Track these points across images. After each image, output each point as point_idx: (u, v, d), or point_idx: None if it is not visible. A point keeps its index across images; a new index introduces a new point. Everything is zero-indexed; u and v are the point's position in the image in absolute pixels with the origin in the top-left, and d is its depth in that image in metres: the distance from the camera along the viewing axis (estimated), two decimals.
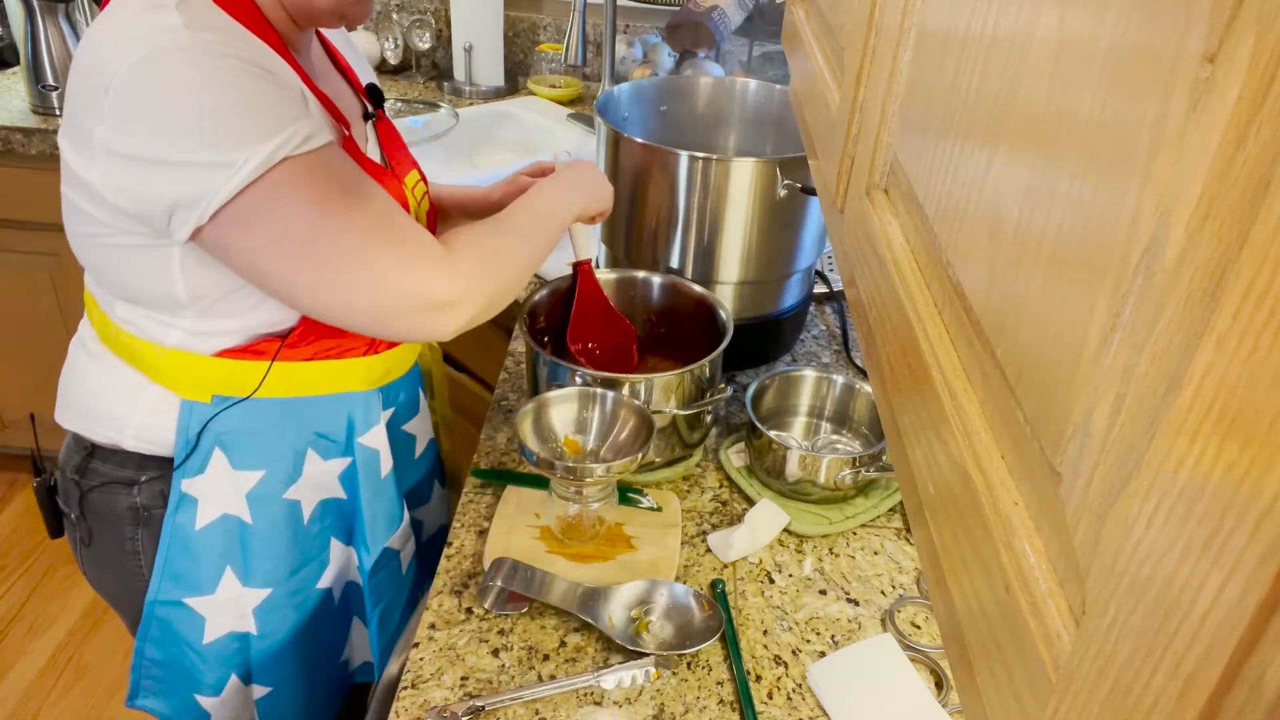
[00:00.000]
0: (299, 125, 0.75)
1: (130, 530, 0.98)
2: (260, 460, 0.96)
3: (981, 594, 0.32)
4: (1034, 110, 0.31)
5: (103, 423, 0.95)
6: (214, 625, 1.01)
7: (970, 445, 0.34)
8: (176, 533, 0.95)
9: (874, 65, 0.56)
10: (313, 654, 1.10)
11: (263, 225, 0.76)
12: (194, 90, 0.73)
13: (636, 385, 1.05)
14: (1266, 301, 0.18)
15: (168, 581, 0.97)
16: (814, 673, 0.89)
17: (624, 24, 2.22)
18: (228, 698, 1.06)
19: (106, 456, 0.97)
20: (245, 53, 0.77)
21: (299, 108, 0.78)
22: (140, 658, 1.02)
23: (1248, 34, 0.19)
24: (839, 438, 1.21)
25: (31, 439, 2.32)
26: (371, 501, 1.04)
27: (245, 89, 0.75)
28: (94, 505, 0.99)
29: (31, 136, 1.87)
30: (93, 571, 1.06)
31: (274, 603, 1.02)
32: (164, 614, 0.99)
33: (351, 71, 1.05)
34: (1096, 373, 0.26)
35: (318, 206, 0.76)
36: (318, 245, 0.76)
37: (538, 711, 0.84)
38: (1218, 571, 0.19)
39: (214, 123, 0.73)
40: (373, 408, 1.02)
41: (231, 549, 0.98)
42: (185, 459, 0.93)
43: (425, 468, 1.21)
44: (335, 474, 1.02)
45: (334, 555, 1.06)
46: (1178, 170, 0.22)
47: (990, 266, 0.35)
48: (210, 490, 0.95)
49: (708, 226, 1.21)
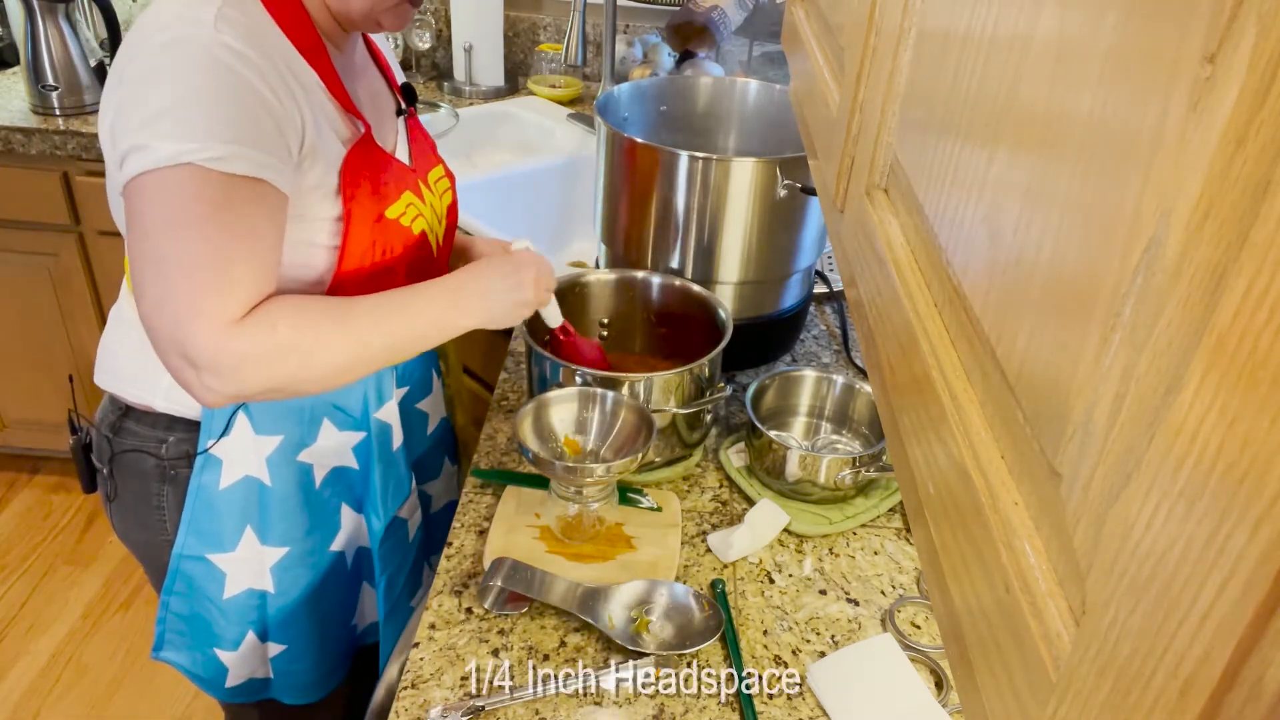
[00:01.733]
0: (230, 147, 0.79)
1: (156, 486, 1.04)
2: (279, 426, 1.00)
3: (981, 594, 0.32)
4: (1034, 110, 0.31)
5: (137, 383, 1.01)
6: (234, 581, 1.05)
7: (970, 445, 0.34)
8: (201, 492, 1.00)
9: (874, 65, 0.56)
10: (325, 613, 1.14)
11: (142, 210, 0.80)
12: (177, 80, 0.80)
13: (636, 385, 1.05)
14: (1266, 301, 0.18)
15: (192, 537, 1.02)
16: (814, 673, 0.89)
17: (624, 24, 2.22)
18: (245, 653, 1.11)
19: (139, 417, 1.02)
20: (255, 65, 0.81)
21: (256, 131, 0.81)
22: (166, 610, 1.07)
23: (1248, 34, 0.19)
24: (839, 438, 1.21)
25: (28, 440, 2.33)
26: (384, 472, 1.08)
27: (217, 96, 0.80)
28: (124, 462, 1.04)
29: (31, 136, 1.87)
30: (120, 524, 1.11)
31: (289, 562, 1.06)
32: (188, 568, 1.04)
33: (390, 70, 1.10)
34: (1096, 373, 0.26)
35: (180, 215, 0.79)
36: (155, 245, 0.80)
37: (538, 711, 0.84)
38: (1218, 571, 0.19)
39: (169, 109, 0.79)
40: (387, 384, 1.06)
41: (251, 509, 1.02)
42: (210, 423, 0.97)
43: (435, 443, 1.25)
44: (350, 445, 1.06)
45: (345, 521, 1.11)
46: (1178, 170, 0.22)
47: (990, 266, 0.35)
48: (234, 453, 0.99)
49: (708, 226, 1.21)
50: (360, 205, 0.92)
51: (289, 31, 0.87)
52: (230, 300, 0.80)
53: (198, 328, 0.79)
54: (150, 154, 0.78)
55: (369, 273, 0.95)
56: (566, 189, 1.86)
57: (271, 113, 0.82)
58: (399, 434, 1.09)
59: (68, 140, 1.87)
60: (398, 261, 0.98)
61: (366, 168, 0.93)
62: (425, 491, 1.25)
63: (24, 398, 2.22)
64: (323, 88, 0.90)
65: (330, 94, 0.91)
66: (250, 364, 0.81)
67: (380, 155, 0.96)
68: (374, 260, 0.95)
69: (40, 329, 2.12)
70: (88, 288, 2.07)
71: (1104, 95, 0.26)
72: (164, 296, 0.80)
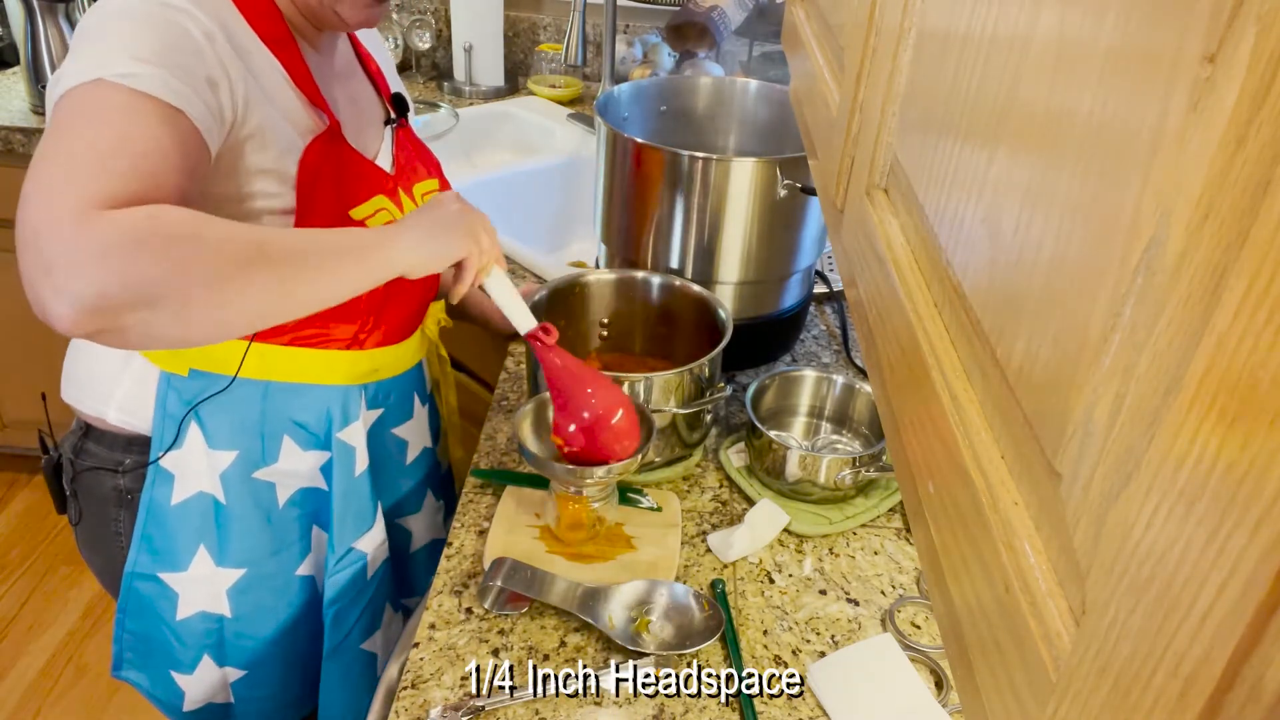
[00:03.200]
0: (144, 67, 0.72)
1: (114, 511, 1.01)
2: (234, 440, 0.97)
3: (981, 594, 0.32)
4: (1034, 110, 0.31)
5: (93, 395, 0.97)
6: (186, 602, 1.02)
7: (970, 445, 0.34)
8: (153, 507, 0.97)
9: (874, 65, 0.56)
10: (290, 641, 1.10)
11: (45, 132, 0.72)
12: (108, 25, 0.76)
13: (636, 385, 1.05)
14: (1266, 301, 0.18)
15: (144, 555, 0.99)
16: (814, 673, 0.89)
17: (624, 24, 2.22)
18: (202, 677, 1.07)
19: (98, 437, 0.99)
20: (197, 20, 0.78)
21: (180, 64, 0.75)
22: (121, 629, 1.04)
23: (1248, 34, 0.19)
24: (839, 438, 1.21)
25: (28, 440, 2.32)
26: (342, 497, 1.04)
27: (142, 26, 0.76)
28: (85, 485, 1.02)
29: (31, 136, 1.87)
30: (84, 548, 1.09)
31: (248, 584, 1.03)
32: (141, 587, 1.01)
33: (381, 78, 1.08)
34: (1096, 372, 0.26)
35: (74, 120, 0.71)
36: (40, 151, 0.70)
37: (538, 712, 0.84)
38: (1218, 572, 0.19)
39: (92, 43, 0.75)
40: (353, 404, 1.02)
41: (206, 527, 0.99)
42: (161, 432, 0.94)
43: (417, 476, 1.19)
44: (316, 465, 1.03)
45: (314, 544, 1.07)
46: (1178, 170, 0.22)
47: (990, 266, 0.35)
48: (187, 467, 0.96)
49: (708, 226, 1.21)
50: (318, 199, 0.89)
51: (251, 19, 0.86)
52: (99, 185, 0.67)
53: (58, 208, 0.65)
54: (65, 80, 0.72)
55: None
56: (566, 189, 1.86)
57: (203, 59, 0.78)
58: (363, 458, 1.04)
59: None
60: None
61: (328, 163, 0.91)
62: (404, 526, 1.20)
63: (24, 398, 2.22)
64: (285, 77, 0.88)
65: (294, 84, 0.89)
66: (117, 252, 0.64)
67: (348, 153, 0.93)
68: None
69: (40, 329, 2.10)
70: None
71: (1104, 95, 0.26)
72: (31, 191, 0.67)
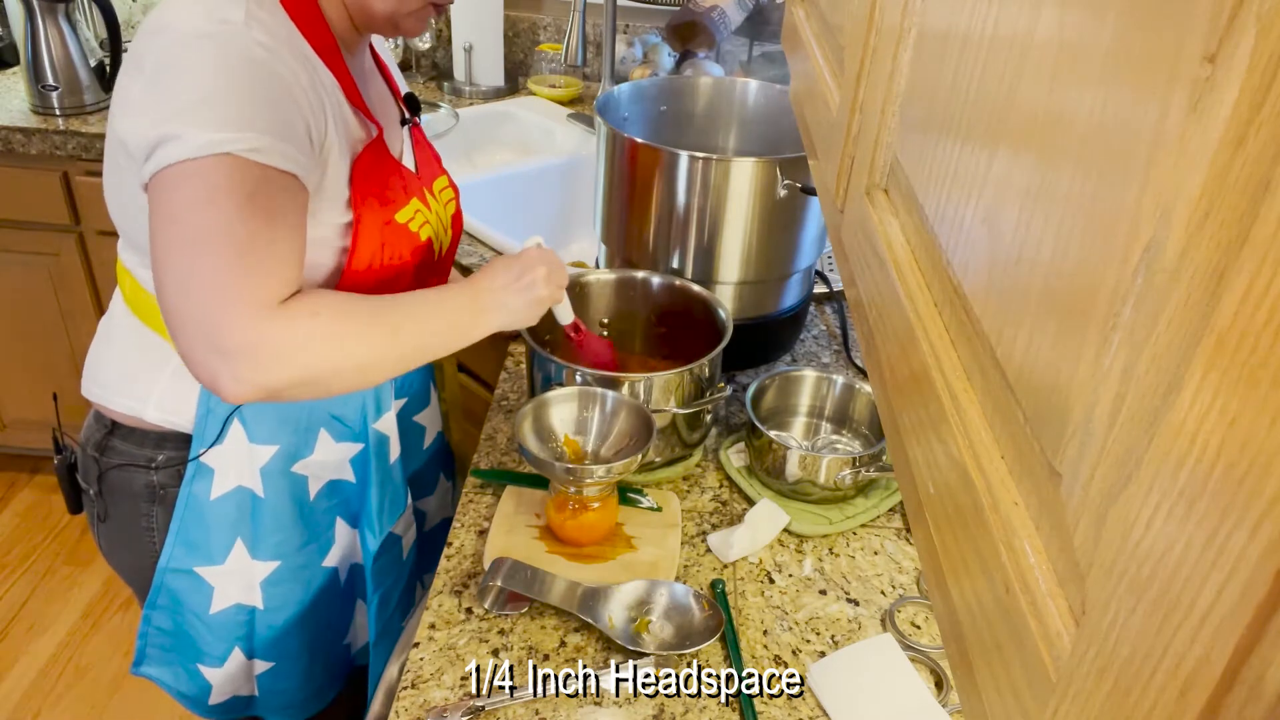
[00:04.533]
0: (264, 138, 0.77)
1: (146, 507, 1.01)
2: (275, 435, 0.98)
3: (981, 594, 0.32)
4: (1034, 110, 0.31)
5: (127, 394, 0.98)
6: (221, 595, 1.03)
7: (970, 445, 0.34)
8: (192, 501, 0.98)
9: (874, 65, 0.56)
10: (316, 632, 1.12)
11: (173, 198, 0.76)
12: (207, 73, 0.78)
13: (636, 385, 1.05)
14: (1266, 301, 0.18)
15: (180, 549, 1.00)
16: (814, 673, 0.89)
17: (624, 24, 2.22)
18: (230, 670, 1.08)
19: (126, 434, 0.99)
20: (284, 63, 0.81)
21: (288, 126, 0.80)
22: (148, 625, 1.05)
23: (1248, 34, 0.19)
24: (839, 438, 1.21)
25: (28, 440, 2.32)
26: (380, 486, 1.07)
27: (253, 89, 0.78)
28: (112, 483, 1.02)
29: (31, 136, 1.87)
30: (108, 546, 1.09)
31: (280, 577, 1.04)
32: (174, 582, 1.02)
33: (393, 79, 1.10)
34: (1096, 373, 0.26)
35: (216, 200, 0.75)
36: (186, 229, 0.76)
37: (538, 712, 0.84)
38: (1218, 571, 0.19)
39: (206, 100, 0.77)
40: (386, 395, 1.05)
41: (242, 521, 1.00)
42: (204, 429, 0.95)
43: (431, 458, 1.23)
44: (347, 457, 1.04)
45: (339, 536, 1.09)
46: (1178, 170, 0.22)
47: (990, 266, 0.35)
48: (227, 462, 0.97)
49: (708, 226, 1.21)
50: (370, 207, 0.92)
51: (308, 34, 0.87)
52: (268, 284, 0.76)
53: (235, 311, 0.74)
54: (185, 143, 0.75)
55: (377, 276, 0.94)
56: (566, 189, 1.86)
57: (300, 110, 0.81)
58: (396, 447, 1.08)
59: (68, 140, 1.87)
60: (405, 266, 0.98)
61: (377, 170, 0.93)
62: (419, 508, 1.23)
63: (24, 398, 2.22)
64: (339, 90, 0.90)
65: (346, 96, 0.91)
66: (289, 350, 0.76)
67: (390, 159, 0.96)
68: (382, 263, 0.94)
69: (40, 329, 2.12)
70: (88, 288, 2.07)
71: (1104, 96, 0.26)
72: (194, 282, 0.75)
